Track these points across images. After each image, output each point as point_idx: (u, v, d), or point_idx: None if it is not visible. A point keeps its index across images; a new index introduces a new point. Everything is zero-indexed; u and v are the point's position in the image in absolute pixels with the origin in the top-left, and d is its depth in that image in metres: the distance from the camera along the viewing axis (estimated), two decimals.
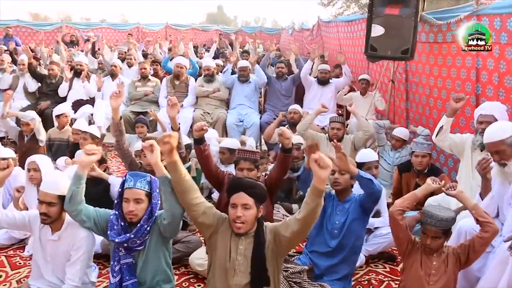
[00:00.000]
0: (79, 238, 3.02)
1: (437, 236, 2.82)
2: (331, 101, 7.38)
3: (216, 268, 2.71)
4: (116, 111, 3.83)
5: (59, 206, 3.01)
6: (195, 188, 2.68)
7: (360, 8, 26.28)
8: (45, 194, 2.99)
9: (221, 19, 47.64)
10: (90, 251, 3.12)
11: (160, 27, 17.45)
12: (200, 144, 3.70)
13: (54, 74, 7.89)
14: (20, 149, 5.48)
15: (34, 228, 3.18)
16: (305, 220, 2.52)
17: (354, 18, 8.39)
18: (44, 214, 2.98)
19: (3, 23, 15.03)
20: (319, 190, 2.43)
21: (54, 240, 3.10)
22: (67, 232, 3.07)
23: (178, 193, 2.65)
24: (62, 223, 3.09)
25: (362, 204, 3.44)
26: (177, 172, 2.60)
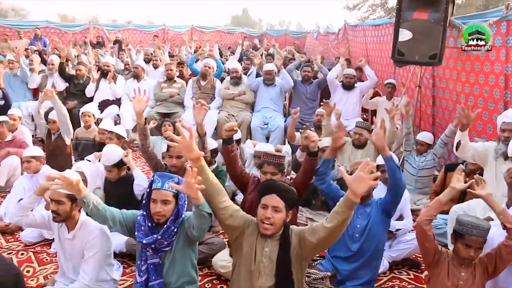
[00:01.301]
0: (92, 237, 3.09)
1: (481, 247, 2.76)
2: (356, 106, 7.36)
3: (241, 270, 2.71)
4: (140, 115, 3.86)
5: (68, 205, 3.07)
6: (222, 192, 2.68)
7: (386, 12, 26.06)
8: (54, 192, 3.06)
9: (246, 22, 47.85)
10: (105, 250, 3.17)
11: (185, 29, 17.61)
12: (228, 144, 3.70)
13: (82, 75, 8.03)
14: (47, 148, 5.58)
15: (53, 227, 3.28)
16: (334, 230, 2.50)
17: (382, 23, 8.34)
18: (54, 212, 3.07)
19: (33, 24, 15.40)
20: (353, 203, 2.40)
21: (70, 239, 3.17)
22: (81, 231, 3.14)
23: (205, 196, 2.64)
24: (76, 223, 3.16)
25: (384, 205, 3.42)
26: (204, 176, 2.59)
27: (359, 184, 2.34)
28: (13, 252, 4.22)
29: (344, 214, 2.43)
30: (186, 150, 2.57)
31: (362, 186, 2.34)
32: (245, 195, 3.84)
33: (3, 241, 4.43)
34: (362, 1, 28.07)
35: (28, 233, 4.42)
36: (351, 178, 2.38)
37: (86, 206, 2.80)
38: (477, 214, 3.61)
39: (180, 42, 12.83)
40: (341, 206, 2.44)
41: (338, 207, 2.46)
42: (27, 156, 4.75)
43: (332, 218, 2.49)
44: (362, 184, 2.34)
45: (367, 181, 2.34)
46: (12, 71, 7.91)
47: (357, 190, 2.35)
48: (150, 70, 8.73)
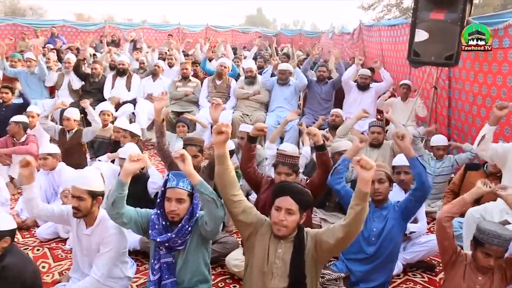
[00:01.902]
0: (108, 234, 3.11)
1: (501, 256, 2.71)
2: (371, 106, 7.31)
3: (254, 270, 2.71)
4: (159, 113, 3.89)
5: (89, 201, 3.11)
6: (237, 186, 2.69)
7: (401, 12, 25.88)
8: (75, 188, 3.10)
9: (260, 21, 47.84)
10: (119, 248, 3.19)
11: (200, 29, 17.69)
12: (252, 143, 3.72)
13: (97, 73, 8.11)
14: (62, 146, 5.64)
15: (72, 222, 3.31)
16: (350, 226, 2.50)
17: (397, 23, 8.27)
18: (74, 207, 3.10)
19: (50, 23, 15.60)
20: (363, 193, 2.42)
21: (87, 234, 3.21)
22: (99, 228, 3.17)
23: (220, 187, 2.66)
24: (95, 219, 3.19)
25: (405, 207, 3.40)
26: (224, 164, 2.61)
27: (367, 172, 2.37)
28: (29, 248, 4.27)
29: (358, 207, 2.45)
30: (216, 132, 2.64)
31: (369, 173, 2.37)
32: (258, 195, 3.84)
33: (19, 236, 4.49)
34: (377, 1, 27.88)
35: (43, 230, 4.48)
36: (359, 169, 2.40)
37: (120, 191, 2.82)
38: (494, 217, 3.57)
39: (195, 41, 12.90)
40: (354, 200, 2.47)
41: (352, 202, 2.49)
42: (44, 153, 4.80)
43: (347, 215, 2.51)
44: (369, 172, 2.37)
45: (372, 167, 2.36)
46: (30, 69, 8.01)
47: (365, 177, 2.38)
48: (165, 69, 8.77)
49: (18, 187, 5.63)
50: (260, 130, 3.66)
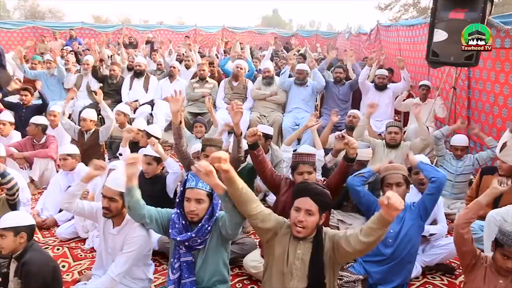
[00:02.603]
0: (133, 236, 3.14)
1: None
2: (389, 107, 7.26)
3: (273, 272, 2.71)
4: (176, 115, 3.90)
5: (120, 202, 3.14)
6: (253, 199, 2.66)
7: (419, 12, 25.62)
8: (108, 189, 3.14)
9: (276, 22, 47.80)
10: (142, 251, 3.20)
11: (216, 30, 17.76)
12: (253, 150, 3.69)
13: (115, 75, 8.19)
14: (81, 147, 5.70)
15: (99, 220, 3.36)
16: (369, 244, 2.47)
17: (416, 23, 8.20)
18: (106, 208, 3.14)
19: (68, 26, 15.82)
20: (387, 222, 2.36)
21: (114, 234, 3.24)
22: (125, 229, 3.20)
23: (236, 204, 2.64)
24: (122, 219, 3.22)
25: (422, 204, 3.40)
26: (233, 185, 2.57)
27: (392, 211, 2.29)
28: (49, 247, 4.33)
29: (380, 231, 2.41)
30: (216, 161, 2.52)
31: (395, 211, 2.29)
32: (278, 197, 3.81)
33: (40, 236, 4.55)
34: (394, 1, 27.62)
35: (63, 230, 4.54)
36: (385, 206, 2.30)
37: (130, 197, 2.85)
38: None
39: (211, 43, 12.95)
40: (376, 223, 2.40)
41: (373, 223, 2.42)
42: (63, 154, 4.86)
43: (367, 233, 2.45)
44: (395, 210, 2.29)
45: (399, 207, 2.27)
46: (50, 71, 8.13)
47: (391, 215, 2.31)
48: (182, 71, 8.81)
49: (38, 187, 5.71)
50: (254, 135, 3.64)
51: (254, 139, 3.66)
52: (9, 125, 6.00)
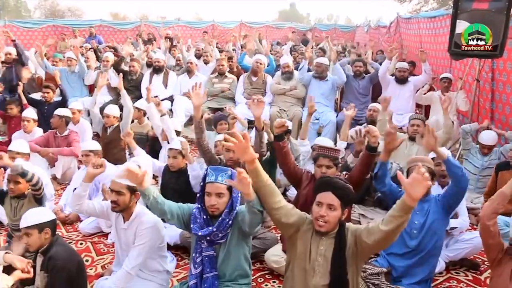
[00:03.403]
0: (142, 228, 3.15)
1: None
2: (410, 100, 7.17)
3: (295, 268, 2.69)
4: (198, 109, 3.90)
5: (128, 196, 3.16)
6: (276, 193, 2.65)
7: (439, 4, 25.19)
8: (115, 183, 3.16)
9: (294, 17, 47.55)
10: (154, 243, 3.21)
11: (234, 25, 17.74)
12: (279, 141, 3.69)
13: (135, 71, 8.23)
14: (102, 141, 5.77)
15: (111, 216, 3.39)
16: (390, 233, 2.42)
17: (437, 14, 8.07)
18: (113, 202, 3.16)
19: (87, 23, 15.97)
20: (409, 207, 2.31)
21: (124, 229, 3.27)
22: (134, 222, 3.22)
23: (260, 198, 2.63)
24: (131, 213, 3.24)
25: (446, 199, 3.36)
26: (258, 178, 2.57)
27: (416, 188, 2.23)
28: (72, 241, 4.39)
29: (401, 218, 2.35)
30: (241, 152, 2.55)
31: (419, 190, 2.23)
32: (299, 191, 3.80)
33: (63, 231, 4.62)
34: None
35: (86, 224, 4.59)
36: (407, 183, 2.26)
37: (147, 199, 2.86)
38: None
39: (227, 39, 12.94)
40: (398, 210, 2.35)
41: (395, 211, 2.37)
42: (86, 150, 4.91)
43: (388, 221, 2.40)
44: (419, 188, 2.23)
45: (423, 183, 2.21)
46: (70, 68, 8.21)
47: (414, 194, 2.24)
48: (200, 66, 8.82)
49: (61, 183, 5.79)
50: (281, 126, 3.64)
51: (281, 130, 3.69)
52: (32, 121, 6.08)
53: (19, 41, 8.62)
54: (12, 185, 3.69)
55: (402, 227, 2.40)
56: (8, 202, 3.82)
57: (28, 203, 3.69)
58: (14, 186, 3.69)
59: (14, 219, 3.72)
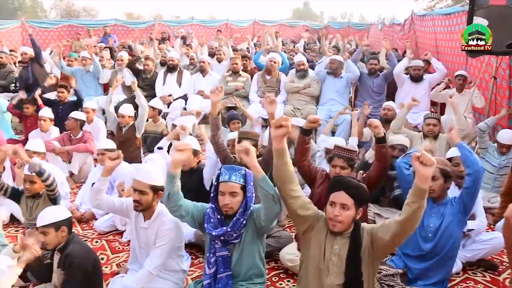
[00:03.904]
0: (164, 228, 3.14)
1: None
2: (425, 98, 7.09)
3: (310, 267, 2.67)
4: (215, 106, 3.89)
5: (151, 195, 3.15)
6: (296, 179, 2.64)
7: (454, 0, 24.90)
8: (139, 182, 3.14)
9: (307, 15, 47.43)
10: (175, 243, 3.22)
11: (248, 24, 17.72)
12: (306, 136, 3.68)
13: (149, 69, 8.29)
14: (118, 140, 5.80)
15: (130, 214, 3.37)
16: (406, 222, 2.41)
17: (453, 11, 7.96)
18: (136, 201, 3.14)
19: (102, 23, 16.08)
20: (421, 190, 2.32)
21: (145, 228, 3.26)
22: (156, 222, 3.21)
23: (279, 181, 2.61)
24: (153, 213, 3.23)
25: (461, 199, 3.32)
26: (282, 159, 2.54)
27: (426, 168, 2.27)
28: (88, 239, 4.42)
29: (414, 204, 2.35)
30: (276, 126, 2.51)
31: (429, 169, 2.27)
32: (313, 189, 3.79)
33: (79, 229, 4.66)
34: None
35: (101, 223, 4.63)
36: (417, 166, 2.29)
37: (172, 185, 2.83)
38: None
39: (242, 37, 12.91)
40: (411, 196, 2.38)
41: (408, 199, 2.39)
42: (101, 149, 4.94)
43: (403, 211, 2.42)
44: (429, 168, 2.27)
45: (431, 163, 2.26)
46: (85, 68, 8.29)
47: (424, 173, 2.28)
48: (214, 64, 8.83)
49: (77, 182, 5.84)
50: (314, 122, 3.63)
51: (312, 126, 3.70)
52: (49, 121, 6.15)
53: (34, 38, 8.70)
54: (28, 185, 3.72)
55: (417, 216, 2.40)
56: (24, 202, 3.86)
57: (43, 202, 3.72)
58: (30, 186, 3.72)
59: (30, 218, 3.75)
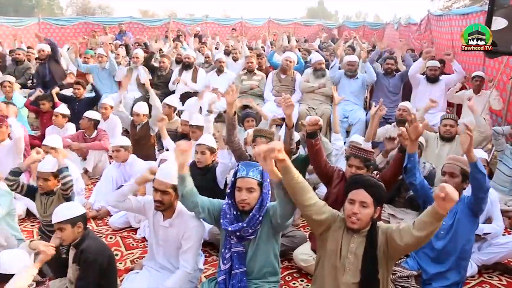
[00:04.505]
0: (190, 227, 3.14)
1: None
2: (441, 99, 6.98)
3: (325, 265, 2.67)
4: (231, 106, 3.91)
5: (173, 195, 3.15)
6: (308, 189, 2.62)
7: (471, 0, 24.57)
8: (160, 182, 3.13)
9: (322, 14, 47.23)
10: (200, 240, 3.23)
11: (263, 22, 17.70)
12: (312, 138, 3.67)
13: (165, 67, 8.33)
14: (132, 137, 5.84)
15: (148, 213, 3.37)
16: (422, 238, 2.41)
17: (471, 11, 7.87)
18: (158, 201, 3.13)
19: (117, 20, 16.19)
20: (440, 215, 2.30)
21: (165, 226, 3.25)
22: (178, 220, 3.21)
23: (291, 194, 2.60)
24: (173, 211, 3.23)
25: (470, 204, 3.29)
26: (289, 174, 2.53)
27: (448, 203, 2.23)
28: (102, 235, 4.45)
29: (432, 225, 2.35)
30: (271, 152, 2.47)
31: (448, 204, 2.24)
32: (329, 189, 3.78)
33: (93, 225, 4.70)
34: None
35: (116, 219, 4.66)
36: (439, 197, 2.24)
37: (184, 186, 2.87)
38: None
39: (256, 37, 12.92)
40: (429, 217, 2.34)
41: (426, 217, 2.36)
42: (116, 146, 4.98)
43: (420, 227, 2.39)
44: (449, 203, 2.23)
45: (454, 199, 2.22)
46: (101, 65, 8.34)
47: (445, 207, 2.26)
48: (229, 63, 8.84)
49: (91, 178, 5.89)
50: (314, 124, 3.62)
51: (314, 128, 3.67)
52: (61, 116, 6.22)
53: (51, 38, 8.80)
54: (41, 182, 3.78)
55: (433, 233, 2.40)
56: (38, 198, 3.90)
57: (57, 200, 3.76)
58: (42, 183, 3.78)
59: (44, 215, 3.80)
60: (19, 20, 14.44)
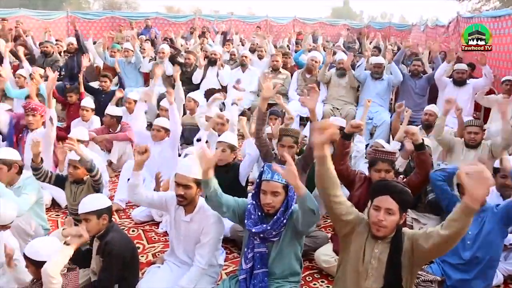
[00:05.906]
0: (209, 223, 3.14)
1: None
2: (468, 103, 6.87)
3: (348, 269, 2.65)
4: (265, 101, 3.90)
5: (195, 189, 3.15)
6: (338, 186, 2.59)
7: (502, 2, 24.07)
8: (182, 177, 3.13)
9: (347, 14, 46.86)
10: (218, 236, 3.23)
11: (288, 21, 17.68)
12: (346, 140, 3.65)
13: (190, 63, 8.37)
14: None
15: (170, 208, 3.37)
16: (450, 238, 2.34)
17: (503, 14, 7.68)
18: (180, 196, 3.13)
19: (143, 16, 16.35)
20: (471, 210, 2.20)
21: (187, 221, 3.25)
22: (198, 216, 3.21)
23: (322, 187, 2.56)
24: (195, 206, 3.23)
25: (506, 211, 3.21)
26: (324, 166, 2.47)
27: (479, 188, 2.13)
28: (125, 228, 4.49)
29: (461, 222, 2.26)
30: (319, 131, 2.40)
31: (481, 189, 2.13)
32: (351, 192, 3.74)
33: (116, 217, 4.75)
34: None
35: (138, 212, 4.69)
36: (468, 182, 2.15)
37: (208, 189, 2.87)
38: None
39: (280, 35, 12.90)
40: (458, 213, 2.26)
41: (455, 215, 2.28)
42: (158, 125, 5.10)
43: (448, 226, 2.33)
44: (482, 187, 2.13)
45: (486, 181, 2.12)
46: (127, 59, 8.42)
47: (475, 194, 2.14)
48: (255, 60, 8.85)
49: (115, 170, 5.95)
50: (356, 127, 3.58)
51: (354, 130, 3.66)
52: (91, 111, 6.33)
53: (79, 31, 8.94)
54: (71, 169, 3.84)
55: (462, 233, 2.32)
56: (68, 187, 3.96)
57: (87, 189, 3.82)
58: (72, 171, 3.84)
59: (74, 203, 3.83)
60: (48, 13, 14.69)
